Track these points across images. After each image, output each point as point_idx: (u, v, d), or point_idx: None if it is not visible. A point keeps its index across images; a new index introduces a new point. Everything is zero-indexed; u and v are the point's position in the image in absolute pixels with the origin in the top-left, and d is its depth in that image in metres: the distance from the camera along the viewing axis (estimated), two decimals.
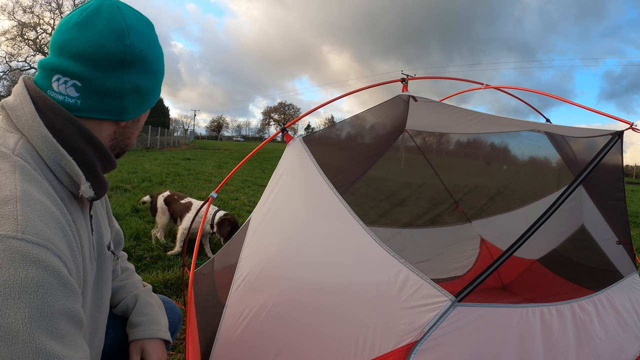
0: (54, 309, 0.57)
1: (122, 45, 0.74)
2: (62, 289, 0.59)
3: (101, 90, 0.74)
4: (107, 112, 0.77)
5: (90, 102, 0.74)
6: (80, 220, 0.77)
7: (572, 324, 1.36)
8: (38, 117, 0.70)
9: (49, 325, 0.56)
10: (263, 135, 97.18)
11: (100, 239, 0.92)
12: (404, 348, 1.08)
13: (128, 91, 0.77)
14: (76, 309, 0.62)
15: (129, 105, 0.79)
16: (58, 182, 0.72)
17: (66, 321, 0.59)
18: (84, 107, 0.74)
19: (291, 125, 2.23)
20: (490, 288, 2.57)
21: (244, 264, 1.40)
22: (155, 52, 0.82)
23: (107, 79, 0.74)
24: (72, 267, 0.64)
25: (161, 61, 0.85)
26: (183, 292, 2.42)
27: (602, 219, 1.84)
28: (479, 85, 2.16)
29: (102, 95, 0.74)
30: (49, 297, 0.56)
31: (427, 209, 2.85)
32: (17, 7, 26.06)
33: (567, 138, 1.99)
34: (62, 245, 0.62)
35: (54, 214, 0.64)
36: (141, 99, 0.81)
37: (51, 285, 0.57)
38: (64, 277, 0.60)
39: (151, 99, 0.85)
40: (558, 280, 2.19)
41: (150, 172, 8.61)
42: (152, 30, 0.83)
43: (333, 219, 1.44)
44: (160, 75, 0.86)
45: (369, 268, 1.30)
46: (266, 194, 1.55)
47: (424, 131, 2.68)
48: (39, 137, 0.70)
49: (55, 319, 0.57)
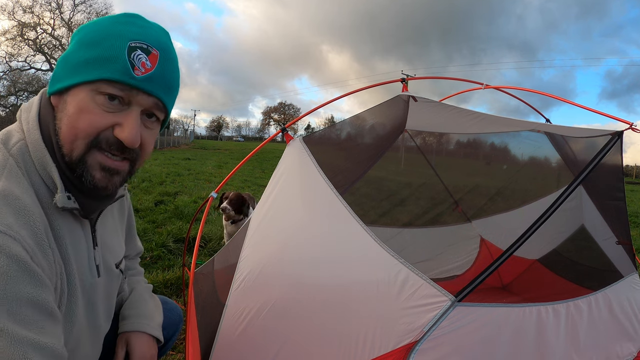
0: (16, 295, 0.57)
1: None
2: (26, 277, 0.60)
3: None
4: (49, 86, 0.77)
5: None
6: (74, 231, 0.77)
7: (564, 323, 1.37)
8: (36, 121, 0.73)
9: (10, 309, 0.56)
10: (263, 135, 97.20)
11: (107, 255, 0.91)
12: (403, 348, 1.08)
13: (59, 60, 0.76)
14: (43, 297, 0.62)
15: (54, 73, 0.76)
16: (46, 187, 0.72)
17: (31, 308, 0.59)
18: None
19: (291, 125, 2.24)
20: (490, 288, 2.57)
21: (244, 264, 1.40)
22: (94, 25, 0.76)
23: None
24: (41, 262, 0.64)
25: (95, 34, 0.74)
26: (183, 292, 2.42)
27: (602, 219, 1.84)
28: (479, 85, 2.16)
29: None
30: (11, 282, 0.57)
31: (427, 209, 2.85)
32: (17, 7, 26.08)
33: (567, 138, 1.99)
34: (29, 240, 0.62)
35: (28, 212, 0.65)
36: (62, 68, 0.74)
37: (14, 271, 0.58)
38: (29, 266, 0.60)
39: (71, 70, 0.72)
40: (558, 280, 2.19)
41: (150, 172, 8.61)
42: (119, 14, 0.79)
43: (333, 219, 1.44)
44: (87, 47, 0.73)
45: (369, 268, 1.30)
46: (266, 194, 1.55)
47: (424, 131, 2.68)
48: (32, 141, 0.72)
49: (18, 304, 0.57)
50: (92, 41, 0.73)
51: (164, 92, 0.78)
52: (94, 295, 0.84)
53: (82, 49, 0.73)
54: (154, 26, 0.80)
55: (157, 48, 0.76)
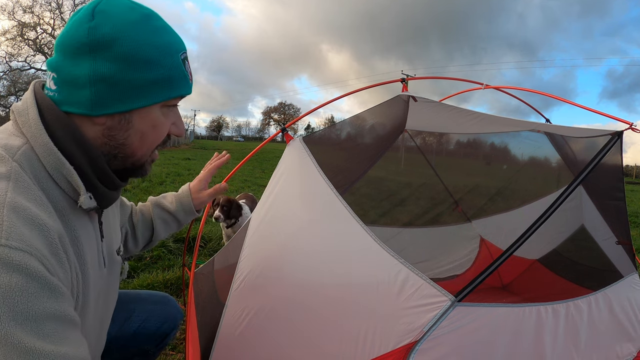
0: (39, 312, 0.57)
1: (86, 29, 0.69)
2: (46, 292, 0.59)
3: (68, 79, 0.70)
4: (77, 104, 0.71)
5: (64, 93, 0.71)
6: (86, 228, 0.77)
7: (563, 323, 1.37)
8: (41, 124, 0.69)
9: (34, 327, 0.56)
10: (263, 135, 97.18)
11: (111, 244, 0.92)
12: (403, 348, 1.08)
13: (92, 79, 0.69)
14: (64, 309, 0.62)
15: (97, 97, 0.70)
16: (60, 190, 0.71)
17: (54, 321, 0.60)
18: (61, 100, 0.72)
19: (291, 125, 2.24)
20: (490, 288, 2.57)
21: (244, 264, 1.40)
22: (131, 38, 0.70)
23: (73, 67, 0.70)
24: (57, 272, 0.63)
25: (146, 51, 0.72)
26: (183, 292, 2.42)
27: (602, 219, 1.84)
28: (479, 85, 2.16)
29: (70, 84, 0.71)
30: (33, 300, 0.57)
31: (427, 209, 2.85)
32: (17, 7, 26.07)
33: (567, 138, 1.99)
34: (44, 251, 0.61)
35: (40, 222, 0.63)
36: (113, 91, 0.71)
37: (34, 289, 0.57)
38: (48, 281, 0.60)
39: (133, 92, 0.72)
40: (558, 280, 2.19)
41: (150, 172, 8.60)
42: (135, 16, 0.72)
43: (333, 219, 1.44)
44: (144, 67, 0.72)
45: (369, 268, 1.30)
46: (266, 194, 1.55)
47: (424, 131, 2.68)
48: (41, 145, 0.69)
49: (41, 320, 0.57)
50: (148, 60, 0.72)
51: None
52: (101, 286, 0.85)
53: (137, 69, 0.71)
54: (167, 23, 0.81)
55: (185, 50, 0.81)
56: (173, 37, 0.78)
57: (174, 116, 0.83)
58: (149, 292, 1.33)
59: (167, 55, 0.75)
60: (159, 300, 1.30)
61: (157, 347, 1.27)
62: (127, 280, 2.62)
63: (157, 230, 1.23)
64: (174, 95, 0.78)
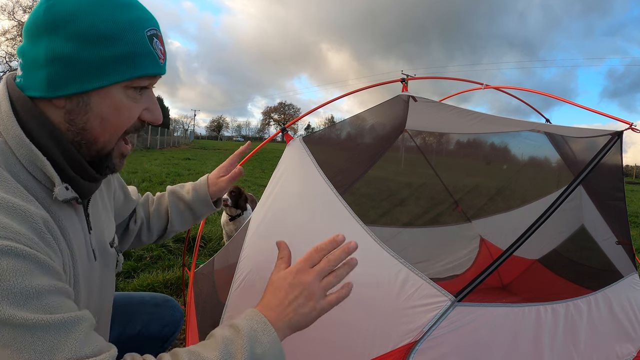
0: (38, 288, 0.57)
1: (43, 9, 0.66)
2: (41, 269, 0.59)
3: (30, 61, 0.68)
4: (37, 87, 0.68)
5: (27, 77, 0.69)
6: (71, 220, 0.76)
7: (563, 323, 1.37)
8: (12, 116, 0.68)
9: (39, 303, 0.57)
10: (263, 135, 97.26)
11: (101, 236, 0.90)
12: (403, 348, 1.08)
13: (48, 59, 0.66)
14: (62, 285, 0.62)
15: (53, 77, 0.67)
16: (37, 182, 0.69)
17: (56, 295, 0.60)
18: (25, 85, 0.69)
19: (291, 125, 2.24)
20: (490, 288, 2.57)
21: (244, 264, 1.40)
22: (88, 13, 0.66)
23: (33, 48, 0.67)
24: (47, 253, 0.63)
25: (103, 27, 0.67)
26: (183, 292, 2.42)
27: (602, 219, 1.84)
28: (479, 85, 2.16)
29: (31, 67, 0.68)
30: (28, 278, 0.56)
31: (427, 209, 2.85)
32: (17, 7, 26.05)
33: (567, 138, 1.99)
34: (30, 235, 0.60)
35: (22, 210, 0.62)
36: (69, 70, 0.67)
37: (26, 267, 0.57)
38: (39, 258, 0.59)
39: (89, 72, 0.67)
40: (558, 280, 2.19)
41: (150, 172, 8.61)
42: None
43: (333, 218, 1.44)
44: (101, 44, 0.67)
45: (369, 268, 1.30)
46: (266, 194, 1.55)
47: (424, 131, 2.68)
48: (13, 137, 0.67)
49: (44, 295, 0.58)
50: (106, 36, 0.67)
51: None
52: (93, 280, 0.83)
53: (94, 46, 0.66)
54: (141, 4, 0.77)
55: (157, 28, 0.76)
56: (139, 12, 0.72)
57: (147, 100, 0.76)
58: (150, 295, 1.32)
59: (129, 31, 0.69)
60: (160, 302, 1.29)
61: (159, 350, 1.26)
62: (127, 280, 2.63)
63: (172, 219, 1.20)
64: (137, 74, 0.71)
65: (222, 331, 0.71)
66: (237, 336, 0.69)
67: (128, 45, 0.69)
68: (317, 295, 0.77)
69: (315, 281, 0.77)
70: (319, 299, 0.77)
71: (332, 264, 0.80)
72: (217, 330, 0.73)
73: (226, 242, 3.23)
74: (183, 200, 1.21)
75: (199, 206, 1.21)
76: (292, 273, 0.79)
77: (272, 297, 0.77)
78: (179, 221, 1.21)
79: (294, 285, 0.77)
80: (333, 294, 0.79)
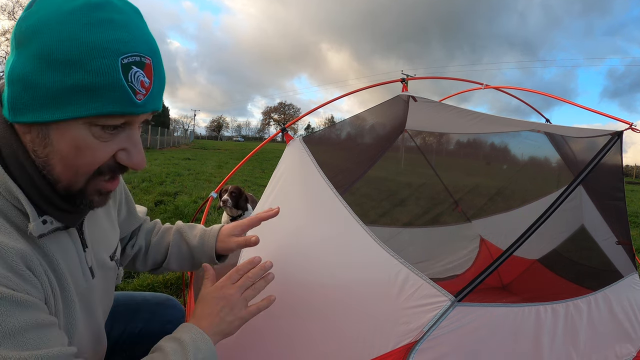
0: (16, 327, 0.56)
1: (19, 18, 0.59)
2: (16, 307, 0.57)
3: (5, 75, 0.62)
4: (5, 107, 0.61)
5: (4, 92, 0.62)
6: (60, 243, 0.71)
7: (563, 323, 1.37)
8: None
9: (14, 341, 0.55)
10: (263, 135, 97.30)
11: (100, 251, 0.87)
12: (403, 348, 1.08)
13: (10, 78, 0.58)
14: (38, 316, 0.60)
15: (12, 99, 0.59)
16: (18, 211, 0.64)
17: (32, 331, 0.58)
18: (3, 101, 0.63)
19: (291, 125, 2.23)
20: (490, 288, 2.57)
21: None
22: (54, 30, 0.56)
23: (7, 64, 0.61)
24: (25, 288, 0.60)
25: (67, 48, 0.56)
26: (183, 292, 2.42)
27: (602, 219, 1.84)
28: (479, 85, 2.16)
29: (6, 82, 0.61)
30: (6, 318, 0.55)
31: (427, 209, 2.86)
32: (17, 7, 26.04)
33: (567, 138, 1.99)
34: (4, 273, 0.57)
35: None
36: (27, 95, 0.57)
37: (3, 307, 0.55)
38: (14, 297, 0.57)
39: (47, 100, 0.57)
40: (558, 280, 2.19)
41: (150, 172, 8.61)
42: (73, 5, 0.57)
43: (333, 218, 1.44)
44: (63, 69, 0.56)
45: (369, 268, 1.30)
46: (266, 194, 1.55)
47: (424, 131, 2.68)
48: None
49: (21, 334, 0.56)
50: (69, 59, 0.56)
51: (160, 100, 0.68)
52: (91, 298, 0.81)
53: (56, 70, 0.56)
54: (133, 19, 0.62)
55: (148, 55, 0.62)
56: (118, 33, 0.58)
57: (123, 141, 0.65)
58: (152, 294, 1.32)
59: (95, 57, 0.56)
60: (162, 301, 1.29)
61: None
62: (127, 280, 2.63)
63: (170, 259, 1.13)
64: (103, 111, 0.58)
65: (168, 344, 0.78)
66: (182, 347, 0.76)
67: (89, 75, 0.57)
68: (239, 306, 0.90)
69: (237, 294, 0.90)
70: (241, 308, 0.90)
71: (250, 280, 0.94)
72: (162, 343, 0.79)
73: None
74: (187, 243, 1.13)
75: (201, 256, 1.13)
76: (217, 288, 0.91)
77: (202, 309, 0.87)
78: (177, 262, 1.15)
79: (219, 298, 0.88)
80: (253, 305, 0.93)
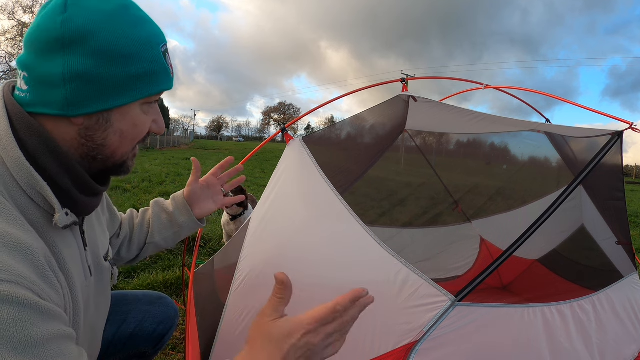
0: (37, 337, 0.55)
1: (58, 22, 0.63)
2: (40, 316, 0.57)
3: (41, 77, 0.65)
4: (51, 104, 0.66)
5: (36, 93, 0.66)
6: (67, 240, 0.74)
7: (573, 325, 1.36)
8: (12, 136, 0.64)
9: (36, 352, 0.55)
10: (263, 135, 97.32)
11: (96, 251, 0.89)
12: (403, 348, 1.08)
13: (67, 77, 0.64)
14: (60, 327, 0.60)
15: (72, 95, 0.65)
16: (35, 205, 0.67)
17: (54, 342, 0.58)
18: (32, 101, 0.67)
19: (291, 125, 2.24)
20: (490, 288, 2.57)
21: (244, 264, 1.40)
22: (107, 30, 0.65)
23: (45, 64, 0.64)
24: (49, 295, 0.61)
25: (124, 44, 0.67)
26: (183, 292, 2.42)
27: (602, 219, 1.84)
28: (479, 85, 2.16)
29: (43, 83, 0.65)
30: (29, 327, 0.54)
31: (427, 209, 2.85)
32: (17, 7, 26.03)
33: (567, 138, 1.99)
34: (33, 277, 0.58)
35: (23, 246, 0.59)
36: (90, 89, 0.66)
37: (28, 316, 0.55)
38: (40, 306, 0.57)
39: (111, 90, 0.67)
40: (558, 280, 2.19)
41: (150, 172, 8.61)
42: (111, 6, 0.67)
43: (333, 218, 1.44)
44: (123, 62, 0.67)
45: (369, 268, 1.30)
46: (266, 194, 1.55)
47: (424, 131, 2.68)
48: (12, 160, 0.64)
49: (41, 344, 0.56)
50: (126, 54, 0.67)
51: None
52: (89, 296, 0.83)
53: (118, 63, 0.66)
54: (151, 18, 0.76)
55: (165, 41, 0.77)
56: (153, 28, 0.73)
57: (154, 113, 0.79)
58: (144, 293, 1.32)
59: (147, 49, 0.70)
60: (154, 300, 1.28)
61: (154, 348, 1.26)
62: (127, 280, 2.63)
63: (153, 229, 1.16)
64: (155, 91, 0.73)
65: None
66: None
67: (147, 63, 0.70)
68: (318, 355, 0.68)
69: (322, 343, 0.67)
70: (317, 357, 0.68)
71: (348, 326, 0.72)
72: None
73: (226, 242, 3.23)
74: (165, 211, 1.19)
75: (179, 215, 1.17)
76: (299, 333, 0.66)
77: (265, 352, 0.64)
78: (159, 233, 1.17)
79: (299, 348, 0.64)
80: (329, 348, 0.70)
